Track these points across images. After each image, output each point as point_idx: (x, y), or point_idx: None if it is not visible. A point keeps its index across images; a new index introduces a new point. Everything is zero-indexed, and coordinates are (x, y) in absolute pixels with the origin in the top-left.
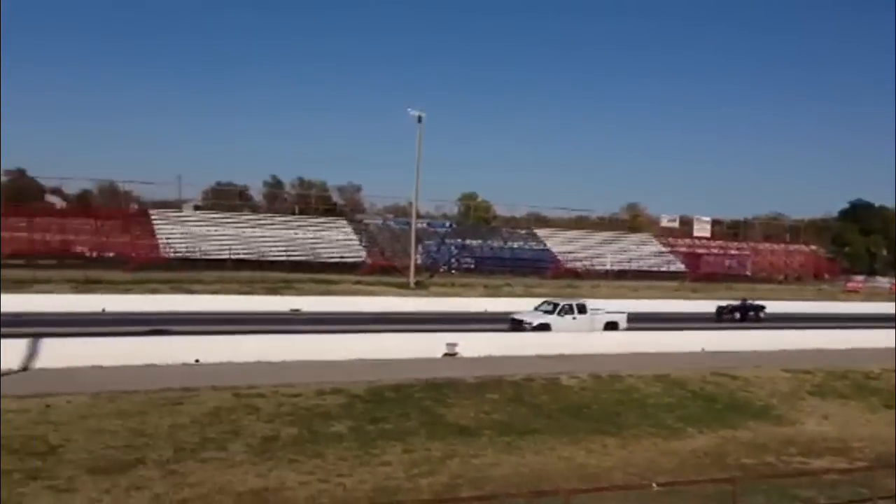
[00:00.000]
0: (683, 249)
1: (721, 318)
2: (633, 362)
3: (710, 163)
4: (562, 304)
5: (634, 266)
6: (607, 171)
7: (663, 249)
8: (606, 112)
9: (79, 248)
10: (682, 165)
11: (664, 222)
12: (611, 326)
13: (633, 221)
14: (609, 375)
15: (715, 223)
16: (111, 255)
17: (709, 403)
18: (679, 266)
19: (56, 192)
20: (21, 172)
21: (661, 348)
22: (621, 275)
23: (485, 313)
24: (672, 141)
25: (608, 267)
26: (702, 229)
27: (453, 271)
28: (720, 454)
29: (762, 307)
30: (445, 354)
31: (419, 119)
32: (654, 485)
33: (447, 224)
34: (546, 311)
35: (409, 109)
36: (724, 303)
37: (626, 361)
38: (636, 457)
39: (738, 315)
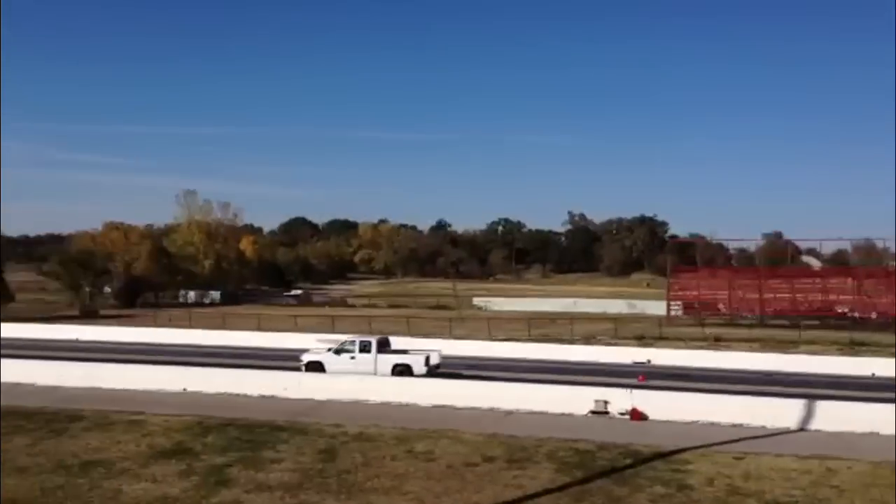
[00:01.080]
0: None
1: None
2: None
3: None
4: (343, 340)
5: None
6: None
7: None
8: None
9: (839, 309)
10: None
11: None
12: (401, 370)
13: None
14: None
15: None
16: (873, 315)
17: None
18: None
19: (811, 252)
20: (777, 235)
21: None
22: None
23: None
24: None
25: None
26: None
27: None
28: None
29: None
30: None
31: None
32: None
33: None
34: (329, 349)
35: None
36: None
37: None
38: None
39: None
